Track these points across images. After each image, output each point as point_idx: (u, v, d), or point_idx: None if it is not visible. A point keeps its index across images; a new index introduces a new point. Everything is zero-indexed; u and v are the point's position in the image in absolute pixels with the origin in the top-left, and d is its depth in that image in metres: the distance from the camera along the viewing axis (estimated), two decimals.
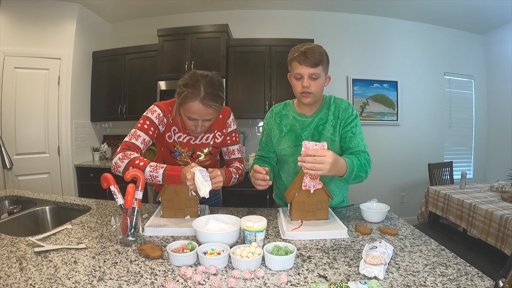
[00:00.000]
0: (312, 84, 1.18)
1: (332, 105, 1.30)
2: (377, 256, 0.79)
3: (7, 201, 1.61)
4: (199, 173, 1.02)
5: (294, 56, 1.18)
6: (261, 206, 1.47)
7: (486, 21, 3.62)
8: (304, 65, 1.16)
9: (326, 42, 3.57)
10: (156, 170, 1.09)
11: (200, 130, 1.21)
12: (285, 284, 0.73)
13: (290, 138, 1.31)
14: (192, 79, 1.14)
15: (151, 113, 1.24)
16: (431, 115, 3.88)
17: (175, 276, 0.77)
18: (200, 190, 1.00)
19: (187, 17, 3.68)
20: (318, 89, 1.20)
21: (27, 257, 0.87)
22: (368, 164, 1.20)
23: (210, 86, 1.13)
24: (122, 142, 1.19)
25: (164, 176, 1.08)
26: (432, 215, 2.77)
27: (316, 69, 1.16)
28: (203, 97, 1.12)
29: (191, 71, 1.19)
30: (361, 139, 1.26)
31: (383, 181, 3.71)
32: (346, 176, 1.10)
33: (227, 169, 1.29)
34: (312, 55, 1.14)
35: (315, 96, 1.22)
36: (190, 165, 1.08)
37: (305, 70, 1.16)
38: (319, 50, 1.16)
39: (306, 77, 1.18)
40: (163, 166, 1.10)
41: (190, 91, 1.12)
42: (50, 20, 3.11)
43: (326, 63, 1.20)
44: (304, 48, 1.16)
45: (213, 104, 1.14)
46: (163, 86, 3.23)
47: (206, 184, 1.01)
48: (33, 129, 3.08)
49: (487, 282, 0.72)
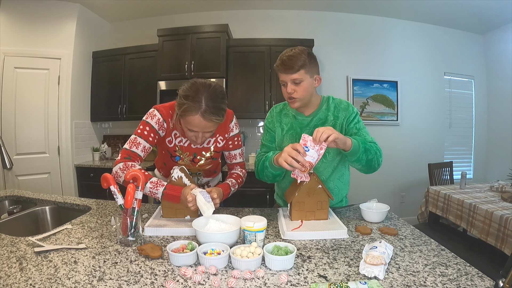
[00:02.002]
0: (296, 89, 1.20)
1: (331, 105, 1.31)
2: (377, 256, 0.79)
3: (7, 201, 1.61)
4: (200, 195, 1.04)
5: (276, 65, 1.23)
6: (261, 206, 1.47)
7: (486, 21, 3.62)
8: (284, 73, 1.20)
9: (326, 42, 3.62)
10: (157, 188, 1.10)
11: (200, 142, 1.20)
12: (285, 284, 0.73)
13: (291, 136, 1.32)
14: (193, 90, 1.09)
15: (150, 118, 1.22)
16: (431, 115, 3.88)
17: (175, 276, 0.77)
18: (204, 212, 1.02)
19: (187, 17, 3.68)
20: (304, 92, 1.22)
21: (27, 257, 0.87)
22: (376, 147, 1.20)
23: (211, 99, 1.09)
24: (122, 150, 1.19)
25: (163, 195, 1.10)
26: (432, 215, 2.76)
27: (296, 75, 1.18)
28: (204, 110, 1.07)
29: (192, 80, 1.14)
30: (366, 133, 1.27)
31: (383, 181, 3.71)
32: (354, 148, 1.09)
33: (225, 184, 1.29)
34: (291, 62, 1.16)
35: (302, 100, 1.24)
36: (189, 186, 1.09)
37: (287, 77, 1.20)
38: (300, 55, 1.17)
39: (289, 83, 1.21)
40: (163, 184, 1.12)
41: (190, 104, 1.07)
42: (50, 20, 3.11)
43: (310, 65, 1.20)
44: (286, 56, 1.19)
45: (215, 118, 1.10)
46: (163, 86, 3.23)
47: (209, 206, 1.03)
48: (33, 129, 3.08)
49: (487, 282, 0.72)
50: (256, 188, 2.86)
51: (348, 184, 1.43)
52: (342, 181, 1.37)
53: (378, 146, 1.22)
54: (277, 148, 1.37)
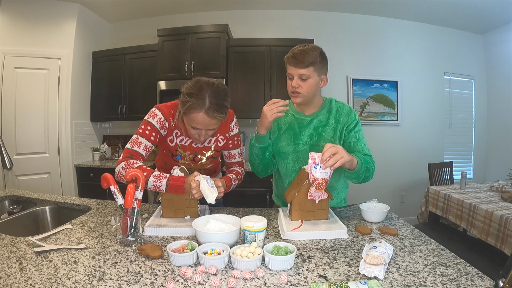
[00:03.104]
0: (302, 84, 1.20)
1: (333, 108, 1.31)
2: (377, 256, 0.79)
3: (7, 201, 1.61)
4: (204, 181, 1.04)
5: (286, 57, 1.22)
6: (261, 206, 1.47)
7: (486, 21, 3.62)
8: (293, 66, 1.19)
9: (326, 42, 3.60)
10: (160, 180, 1.10)
11: (203, 139, 1.20)
12: (285, 284, 0.73)
13: (289, 135, 1.32)
14: (197, 88, 1.10)
15: (152, 117, 1.22)
16: (431, 115, 3.88)
17: (175, 276, 0.77)
18: (207, 196, 1.02)
19: (187, 17, 3.68)
20: (308, 89, 1.21)
21: (27, 257, 0.87)
22: (373, 163, 1.23)
23: (215, 96, 1.10)
24: (124, 150, 1.19)
25: (167, 186, 1.09)
26: (432, 215, 2.76)
27: (305, 70, 1.18)
28: (208, 108, 1.09)
29: (195, 78, 1.15)
30: (364, 143, 1.28)
31: (383, 181, 3.71)
32: (358, 168, 1.11)
33: (227, 177, 1.30)
34: (302, 56, 1.16)
35: (305, 96, 1.23)
36: (193, 174, 1.09)
37: (295, 71, 1.19)
38: (312, 52, 1.17)
39: (295, 77, 1.20)
40: (166, 176, 1.11)
41: (194, 101, 1.08)
42: (50, 20, 3.11)
43: (320, 64, 1.20)
44: (298, 50, 1.18)
45: (218, 115, 1.11)
46: (163, 86, 3.23)
47: (213, 191, 1.03)
48: (33, 129, 3.08)
49: (487, 282, 0.72)
50: (256, 188, 2.86)
51: (348, 186, 1.44)
52: (341, 183, 1.37)
53: (373, 159, 1.25)
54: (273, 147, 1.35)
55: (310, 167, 1.03)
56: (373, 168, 1.22)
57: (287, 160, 1.33)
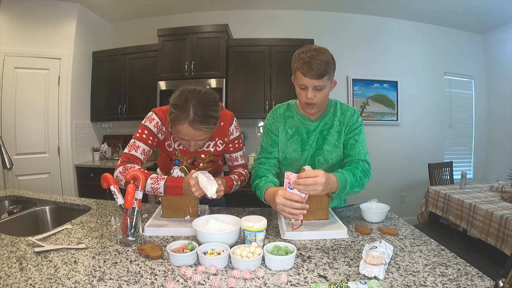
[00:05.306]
0: (317, 95, 1.13)
1: (338, 110, 1.28)
2: (377, 256, 0.79)
3: (7, 201, 1.61)
4: (202, 175, 1.03)
5: (298, 67, 1.10)
6: (261, 206, 1.46)
7: (486, 21, 3.62)
8: (308, 77, 1.09)
9: (326, 42, 3.58)
10: (158, 182, 1.09)
11: (193, 149, 1.17)
12: (285, 284, 0.73)
13: (297, 141, 1.28)
14: (181, 99, 1.06)
15: (149, 121, 1.21)
16: (431, 115, 3.88)
17: (175, 276, 0.77)
18: (207, 190, 1.01)
19: (187, 17, 3.68)
20: (323, 98, 1.16)
21: (27, 257, 0.87)
22: (366, 175, 1.18)
23: (200, 107, 1.04)
24: (122, 154, 1.19)
25: (165, 187, 1.09)
26: (432, 215, 2.76)
27: (321, 81, 1.09)
28: (192, 120, 1.04)
29: (181, 88, 1.10)
30: (362, 147, 1.25)
31: (383, 181, 3.71)
32: (338, 192, 1.08)
33: (228, 177, 1.28)
34: (317, 66, 1.06)
35: (320, 105, 1.20)
36: (190, 172, 1.08)
37: (310, 82, 1.10)
38: (325, 59, 1.08)
39: (310, 89, 1.11)
40: (164, 177, 1.10)
41: (178, 113, 1.04)
42: (50, 20, 3.11)
43: (332, 70, 1.13)
44: (309, 58, 1.07)
45: (203, 127, 1.06)
46: (163, 86, 3.23)
47: (212, 183, 1.01)
48: (33, 129, 3.08)
49: (487, 282, 0.72)
50: None
51: None
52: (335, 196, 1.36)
53: (368, 166, 1.21)
54: (279, 153, 1.31)
55: (285, 186, 1.01)
56: (365, 182, 1.17)
57: (294, 166, 1.31)
